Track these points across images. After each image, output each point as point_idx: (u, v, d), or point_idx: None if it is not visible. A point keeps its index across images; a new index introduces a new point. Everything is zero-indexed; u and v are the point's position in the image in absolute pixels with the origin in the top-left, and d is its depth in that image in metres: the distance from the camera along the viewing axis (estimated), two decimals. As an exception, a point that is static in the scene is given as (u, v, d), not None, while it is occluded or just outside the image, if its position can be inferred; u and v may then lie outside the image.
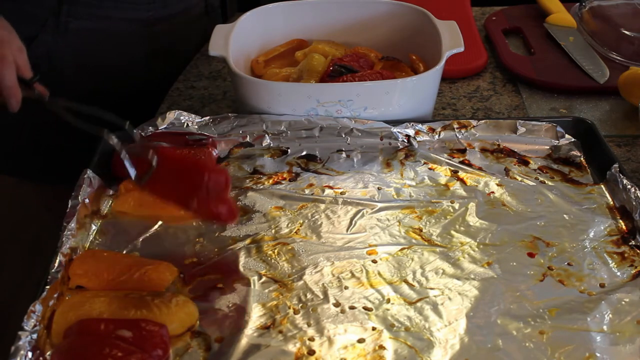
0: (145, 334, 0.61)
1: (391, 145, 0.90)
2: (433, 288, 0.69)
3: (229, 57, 0.90)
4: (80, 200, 0.76)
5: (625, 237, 0.75)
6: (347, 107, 0.89)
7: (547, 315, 0.66)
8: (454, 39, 0.92)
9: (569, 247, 0.74)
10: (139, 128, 0.88)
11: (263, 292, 0.69)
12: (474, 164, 0.87)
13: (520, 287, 0.69)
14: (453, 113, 1.02)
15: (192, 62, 1.17)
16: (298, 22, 1.05)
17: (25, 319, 0.61)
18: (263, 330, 0.65)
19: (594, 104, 1.02)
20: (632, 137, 0.94)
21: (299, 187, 0.83)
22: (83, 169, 0.81)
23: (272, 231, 0.77)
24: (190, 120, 0.89)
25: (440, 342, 0.63)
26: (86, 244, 0.75)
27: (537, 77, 1.06)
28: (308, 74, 0.95)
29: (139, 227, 0.77)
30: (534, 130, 0.89)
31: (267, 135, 0.90)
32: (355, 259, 0.73)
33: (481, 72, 1.12)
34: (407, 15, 1.02)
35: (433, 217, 0.78)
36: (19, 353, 0.59)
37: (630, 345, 0.63)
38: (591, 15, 1.18)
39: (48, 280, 0.66)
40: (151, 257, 0.73)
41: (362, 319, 0.66)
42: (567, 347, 0.62)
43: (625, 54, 1.10)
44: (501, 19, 1.25)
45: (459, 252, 0.73)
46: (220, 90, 1.09)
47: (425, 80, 0.90)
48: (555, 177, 0.84)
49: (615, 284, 0.69)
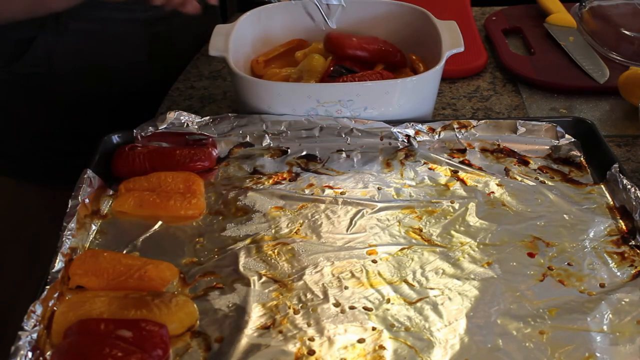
0: (145, 334, 0.61)
1: (391, 145, 0.90)
2: (433, 288, 0.69)
3: (229, 57, 0.90)
4: (80, 200, 0.76)
5: (625, 237, 0.75)
6: (347, 107, 0.89)
7: (547, 315, 0.66)
8: (454, 39, 0.92)
9: (569, 247, 0.74)
10: (139, 128, 0.88)
11: (263, 292, 0.69)
12: (474, 164, 0.87)
13: (520, 287, 0.69)
14: (453, 113, 1.02)
15: (192, 62, 1.17)
16: (298, 22, 1.05)
17: (25, 319, 0.61)
18: (263, 330, 0.65)
19: (594, 104, 1.02)
20: (632, 137, 0.94)
21: (299, 187, 0.83)
22: (83, 170, 0.81)
23: (272, 231, 0.77)
24: (190, 120, 0.89)
25: (440, 342, 0.63)
26: (86, 244, 0.75)
27: (537, 77, 1.06)
28: (308, 74, 0.95)
29: (139, 227, 0.77)
30: (534, 130, 0.89)
31: (267, 135, 0.90)
32: (355, 259, 0.73)
33: (481, 72, 1.12)
34: (407, 15, 1.02)
35: (433, 217, 0.78)
36: (19, 353, 0.59)
37: (630, 345, 0.63)
38: (591, 15, 1.18)
39: (48, 280, 0.66)
40: (151, 257, 0.73)
41: (362, 319, 0.66)
42: (567, 347, 0.62)
43: (625, 54, 1.10)
44: (501, 19, 1.25)
45: (459, 252, 0.73)
46: (220, 90, 1.09)
47: (425, 80, 0.90)
48: (555, 177, 0.84)
49: (615, 284, 0.69)
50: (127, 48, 1.14)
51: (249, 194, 0.82)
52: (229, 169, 0.87)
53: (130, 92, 1.16)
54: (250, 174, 0.86)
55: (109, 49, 1.12)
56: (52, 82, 1.11)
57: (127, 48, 1.14)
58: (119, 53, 1.13)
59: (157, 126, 0.89)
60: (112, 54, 1.13)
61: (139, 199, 0.79)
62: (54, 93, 1.12)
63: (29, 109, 1.15)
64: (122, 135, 0.88)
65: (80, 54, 1.10)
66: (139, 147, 0.86)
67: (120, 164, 0.85)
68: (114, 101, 1.15)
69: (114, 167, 0.85)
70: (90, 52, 1.10)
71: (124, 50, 1.14)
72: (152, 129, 0.88)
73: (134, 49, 1.15)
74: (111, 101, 1.15)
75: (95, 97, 1.14)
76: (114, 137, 0.88)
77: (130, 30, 1.12)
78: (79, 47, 1.09)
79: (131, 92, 1.16)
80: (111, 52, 1.12)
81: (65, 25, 1.07)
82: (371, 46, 0.97)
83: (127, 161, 0.84)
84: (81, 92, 1.13)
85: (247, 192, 0.83)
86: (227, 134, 0.90)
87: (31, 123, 1.16)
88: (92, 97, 1.14)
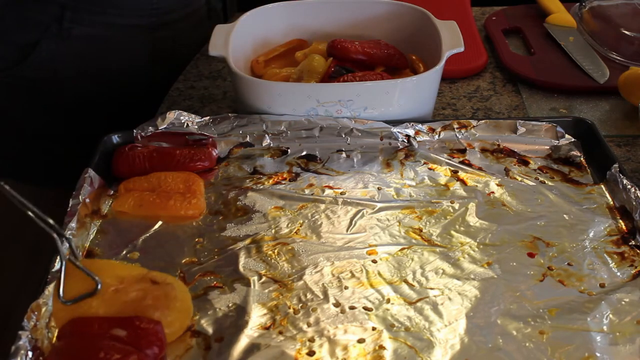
0: (140, 332, 0.61)
1: (391, 145, 0.90)
2: (433, 288, 0.69)
3: (229, 57, 0.90)
4: (81, 199, 0.76)
5: (625, 237, 0.75)
6: (347, 107, 0.89)
7: (547, 315, 0.66)
8: (454, 39, 0.92)
9: (569, 247, 0.74)
10: (139, 128, 0.88)
11: (263, 292, 0.69)
12: (474, 164, 0.87)
13: (520, 287, 0.69)
14: (453, 113, 1.02)
15: (192, 62, 1.17)
16: (298, 22, 1.05)
17: (25, 319, 0.61)
18: (263, 330, 0.65)
19: (594, 104, 1.02)
20: (632, 137, 0.94)
21: (299, 187, 0.83)
22: (83, 170, 0.81)
23: (272, 231, 0.77)
24: (190, 120, 0.89)
25: (440, 342, 0.63)
26: (86, 244, 0.75)
27: (537, 77, 1.06)
28: (308, 74, 0.95)
29: (139, 227, 0.77)
30: (534, 130, 0.89)
31: (267, 135, 0.90)
32: (355, 259, 0.73)
33: (481, 72, 1.12)
34: (407, 15, 1.02)
35: (433, 217, 0.78)
36: (19, 353, 0.59)
37: (630, 345, 0.63)
38: (591, 15, 1.18)
39: (48, 280, 0.66)
40: (151, 257, 0.73)
41: (362, 319, 0.66)
42: (567, 347, 0.62)
43: (625, 54, 1.10)
44: (501, 19, 1.25)
45: (459, 252, 0.73)
46: (220, 90, 1.09)
47: (425, 80, 0.90)
48: (555, 177, 0.84)
49: (615, 284, 0.69)
50: (130, 52, 1.14)
51: (249, 194, 0.82)
52: (229, 169, 0.87)
53: (132, 94, 1.16)
54: (250, 174, 0.86)
55: (112, 54, 1.12)
56: (55, 86, 1.11)
57: (130, 52, 1.14)
58: (122, 57, 1.13)
59: (157, 126, 0.89)
60: (115, 59, 1.13)
61: (139, 199, 0.79)
62: (56, 96, 1.12)
63: (30, 111, 1.15)
64: (122, 135, 0.88)
65: (83, 58, 1.10)
66: (139, 147, 0.86)
67: (120, 164, 0.85)
68: (114, 103, 1.15)
69: (114, 167, 0.85)
70: (93, 56, 1.10)
71: (127, 55, 1.14)
72: (152, 129, 0.88)
73: (137, 53, 1.15)
74: (112, 103, 1.15)
75: (97, 100, 1.14)
76: (114, 137, 0.88)
77: (133, 36, 1.12)
78: (82, 52, 1.09)
79: (132, 95, 1.16)
80: (114, 56, 1.13)
81: (69, 31, 1.07)
82: (374, 50, 0.97)
83: (127, 161, 0.84)
84: (82, 95, 1.13)
85: (247, 192, 0.83)
86: (227, 134, 0.90)
87: (32, 125, 1.16)
88: (93, 99, 1.14)
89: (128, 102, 1.14)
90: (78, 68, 1.10)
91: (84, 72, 1.11)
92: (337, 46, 0.96)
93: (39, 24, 1.05)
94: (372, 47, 0.97)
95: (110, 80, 1.14)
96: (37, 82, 1.10)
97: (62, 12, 1.05)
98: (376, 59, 0.97)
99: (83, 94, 1.13)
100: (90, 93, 1.13)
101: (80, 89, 1.12)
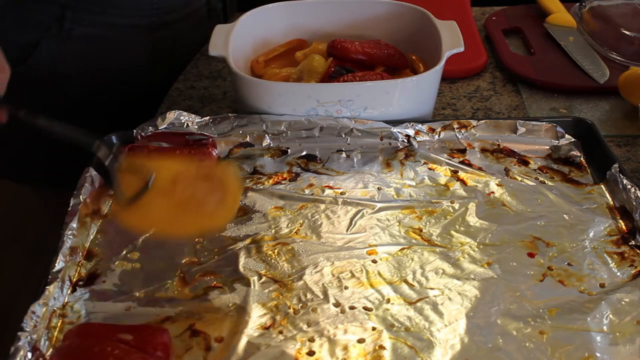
0: (146, 337, 0.61)
1: (391, 145, 0.90)
2: (433, 288, 0.69)
3: (229, 57, 0.90)
4: (81, 199, 0.76)
5: (625, 237, 0.75)
6: (347, 107, 0.89)
7: (547, 315, 0.66)
8: (454, 39, 0.92)
9: (569, 247, 0.74)
10: (139, 128, 0.88)
11: (263, 292, 0.69)
12: (474, 164, 0.87)
13: (520, 287, 0.69)
14: (453, 113, 1.02)
15: (192, 62, 1.17)
16: (298, 22, 1.05)
17: (25, 319, 0.61)
18: (263, 330, 0.65)
19: (594, 104, 1.02)
20: (632, 137, 0.94)
21: (299, 187, 0.83)
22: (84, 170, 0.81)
23: (272, 231, 0.77)
24: (190, 120, 0.89)
25: (441, 342, 0.63)
26: (86, 244, 0.75)
27: (537, 77, 1.06)
28: (308, 74, 0.95)
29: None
30: (534, 130, 0.89)
31: (267, 135, 0.90)
32: (355, 259, 0.73)
33: (481, 72, 1.12)
34: (407, 15, 1.02)
35: (433, 217, 0.78)
36: (18, 353, 0.59)
37: (630, 345, 0.63)
38: (591, 15, 1.18)
39: (48, 280, 0.66)
40: (151, 257, 0.73)
41: (362, 319, 0.66)
42: (567, 347, 0.62)
43: (625, 54, 1.10)
44: (501, 19, 1.25)
45: (459, 252, 0.73)
46: (220, 90, 1.09)
47: (425, 80, 0.90)
48: (555, 177, 0.84)
49: (615, 284, 0.69)
50: (130, 52, 1.14)
51: (249, 194, 0.82)
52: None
53: (132, 94, 1.16)
54: (250, 174, 0.86)
55: (112, 54, 1.12)
56: (55, 86, 1.11)
57: (130, 52, 1.14)
58: (121, 57, 1.13)
59: (157, 126, 0.89)
60: (115, 59, 1.13)
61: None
62: (56, 96, 1.12)
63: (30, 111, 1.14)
64: (122, 135, 0.88)
65: (83, 58, 1.10)
66: (139, 147, 0.86)
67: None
68: (114, 103, 1.15)
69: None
70: (93, 56, 1.10)
71: (127, 55, 1.14)
72: (152, 129, 0.88)
73: (137, 53, 1.15)
74: (112, 103, 1.15)
75: (97, 100, 1.14)
76: (114, 137, 0.88)
77: (133, 36, 1.12)
78: (82, 52, 1.09)
79: (133, 95, 1.16)
80: (114, 56, 1.12)
81: (70, 31, 1.07)
82: (374, 50, 0.97)
83: (127, 161, 0.84)
84: (82, 95, 1.13)
85: (247, 192, 0.82)
86: (227, 134, 0.90)
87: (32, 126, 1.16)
88: (93, 99, 1.14)
89: (128, 102, 1.14)
90: (78, 68, 1.10)
91: (84, 72, 1.11)
92: (337, 46, 0.96)
93: (39, 24, 1.05)
94: (372, 47, 0.97)
95: (110, 80, 1.14)
96: (37, 82, 1.10)
97: (62, 12, 1.05)
98: (376, 59, 0.97)
99: (83, 94, 1.13)
100: (90, 93, 1.13)
101: (80, 89, 1.12)
